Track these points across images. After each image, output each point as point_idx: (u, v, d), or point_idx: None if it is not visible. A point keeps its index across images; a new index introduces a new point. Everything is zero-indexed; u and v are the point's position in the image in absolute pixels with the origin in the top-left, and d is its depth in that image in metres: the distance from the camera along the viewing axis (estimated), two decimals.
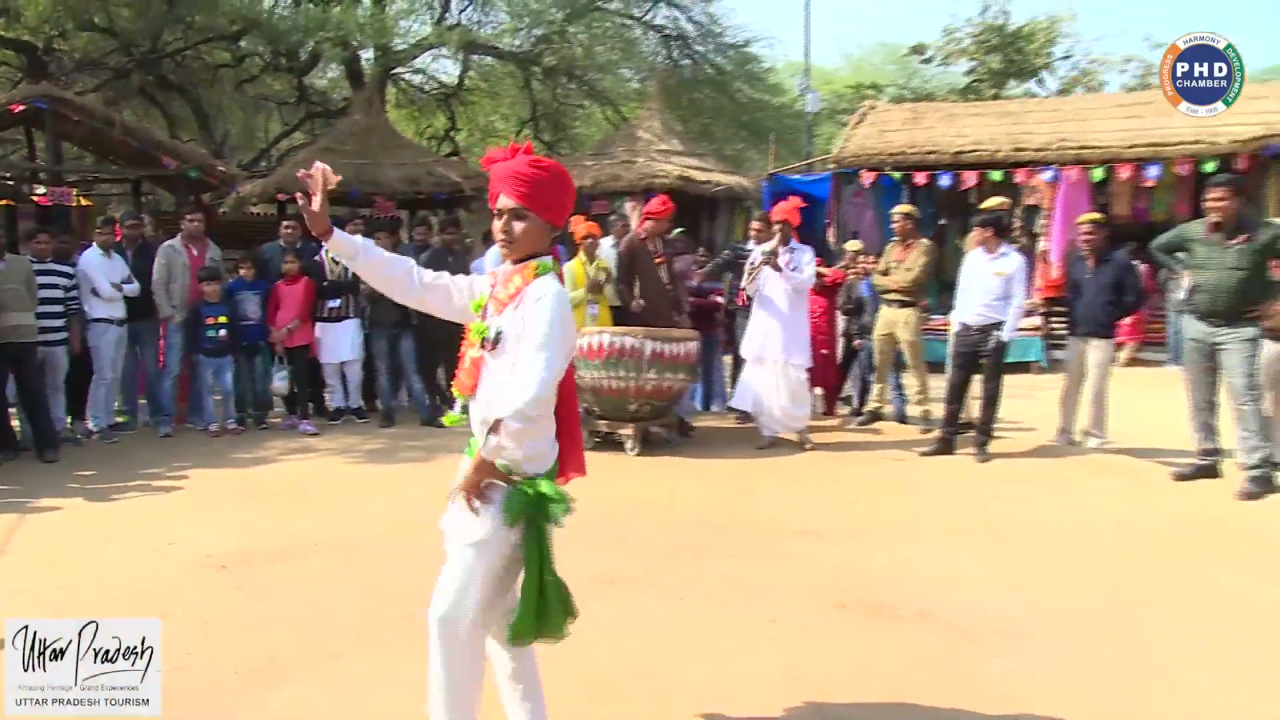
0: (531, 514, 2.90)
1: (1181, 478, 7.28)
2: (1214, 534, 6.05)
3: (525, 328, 2.88)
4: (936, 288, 13.34)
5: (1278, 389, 7.43)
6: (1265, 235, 6.88)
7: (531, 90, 23.45)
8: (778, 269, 8.39)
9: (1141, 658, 4.19)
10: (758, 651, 4.24)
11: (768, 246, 8.58)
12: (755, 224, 9.06)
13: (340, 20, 17.71)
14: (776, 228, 8.60)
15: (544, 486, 2.91)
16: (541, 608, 2.93)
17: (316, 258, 9.73)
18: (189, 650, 4.25)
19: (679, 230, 10.68)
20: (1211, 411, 7.22)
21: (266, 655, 4.23)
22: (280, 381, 9.53)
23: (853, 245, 10.73)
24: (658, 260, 8.71)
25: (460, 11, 21.51)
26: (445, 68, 24.84)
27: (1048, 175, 14.45)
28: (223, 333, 9.28)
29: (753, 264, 8.66)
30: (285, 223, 10.26)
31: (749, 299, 8.83)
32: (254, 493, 7.23)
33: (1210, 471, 7.24)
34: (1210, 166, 13.29)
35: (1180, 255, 7.32)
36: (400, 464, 8.17)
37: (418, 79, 24.52)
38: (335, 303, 9.65)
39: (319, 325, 9.67)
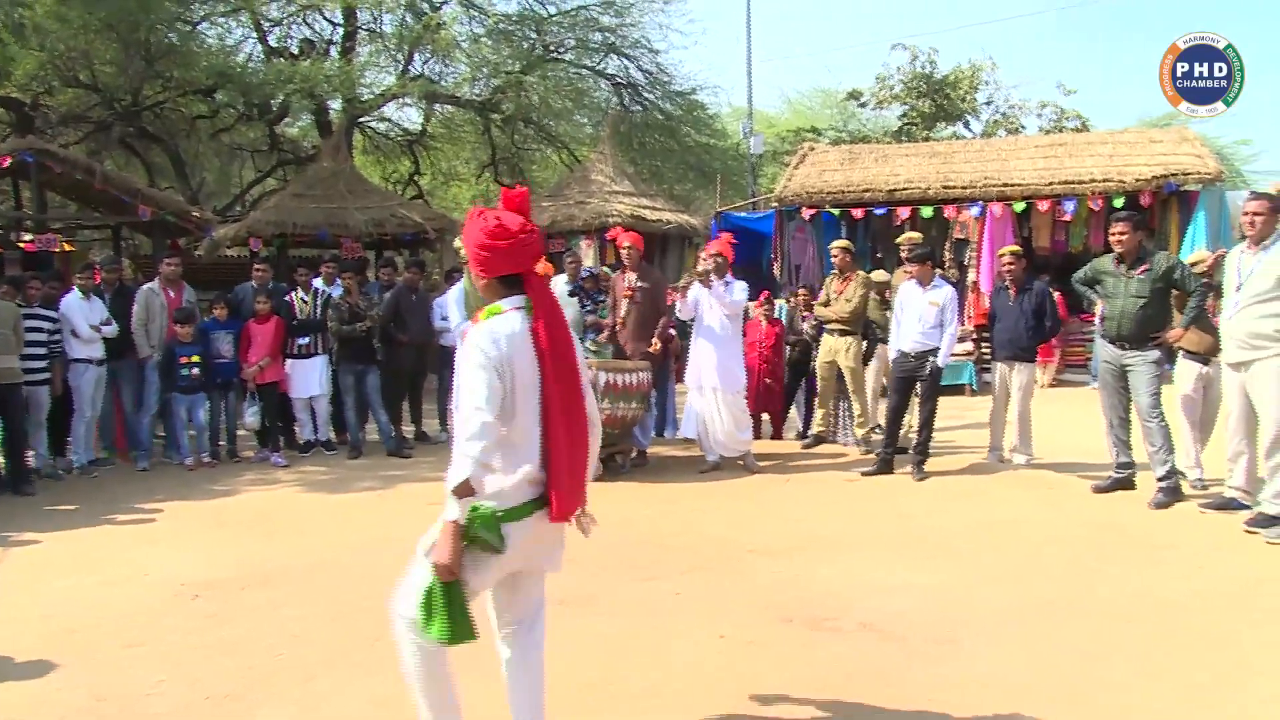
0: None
1: (1100, 490, 7.38)
2: (1127, 541, 6.13)
3: None
4: None
5: (1202, 406, 7.52)
6: (1162, 265, 7.06)
7: (491, 136, 23.49)
8: (707, 285, 8.43)
9: (1059, 656, 4.23)
10: (707, 666, 4.23)
11: (701, 269, 8.61)
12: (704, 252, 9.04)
13: (308, 74, 17.70)
14: (711, 259, 8.65)
15: (478, 515, 2.88)
16: (431, 612, 2.91)
17: (287, 297, 9.67)
18: (161, 677, 4.18)
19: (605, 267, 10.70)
20: (1125, 428, 7.33)
21: (238, 680, 4.16)
22: (252, 417, 9.42)
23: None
24: (627, 294, 8.72)
25: (423, 63, 21.51)
26: (409, 116, 24.86)
27: (974, 210, 14.69)
28: (196, 371, 9.17)
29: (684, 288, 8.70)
30: (257, 265, 10.20)
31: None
32: (227, 523, 7.14)
33: (1126, 484, 7.35)
34: (1119, 202, 13.61)
35: (1097, 287, 7.46)
36: (366, 493, 8.08)
37: (383, 126, 24.49)
38: (305, 340, 9.57)
39: (289, 361, 9.57)
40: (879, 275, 10.06)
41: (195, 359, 9.18)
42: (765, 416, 10.21)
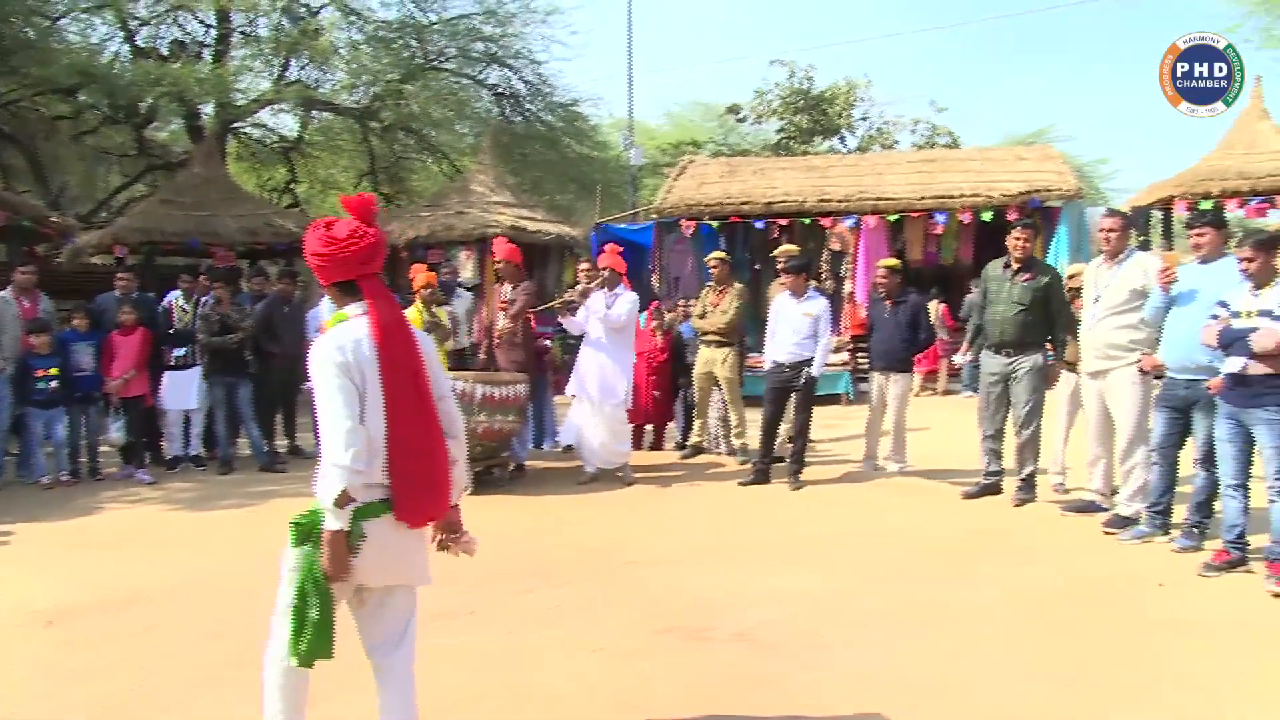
0: (310, 540, 2.89)
1: (969, 496, 7.60)
2: (995, 544, 6.33)
3: None
4: (755, 327, 13.67)
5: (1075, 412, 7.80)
6: (1045, 277, 7.36)
7: (370, 144, 23.12)
8: (582, 301, 8.44)
9: (931, 657, 4.34)
10: (584, 679, 4.20)
11: (585, 287, 8.58)
12: (583, 267, 9.11)
13: (178, 76, 17.11)
14: (603, 272, 8.63)
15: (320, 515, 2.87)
16: (299, 630, 2.88)
17: (165, 303, 9.33)
18: (6, 713, 3.94)
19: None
20: (999, 440, 7.58)
21: (93, 710, 3.96)
22: (116, 432, 9.02)
23: None
24: (502, 306, 8.65)
25: (300, 69, 21.02)
26: (285, 122, 24.27)
27: (850, 223, 15.02)
28: (53, 384, 8.73)
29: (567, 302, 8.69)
30: (120, 274, 9.80)
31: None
32: (86, 545, 6.80)
33: (993, 489, 7.59)
34: (987, 216, 14.10)
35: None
36: (237, 509, 7.81)
37: (258, 133, 23.85)
38: (181, 351, 9.25)
39: (167, 374, 9.23)
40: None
41: (53, 371, 8.74)
42: (649, 427, 10.24)
